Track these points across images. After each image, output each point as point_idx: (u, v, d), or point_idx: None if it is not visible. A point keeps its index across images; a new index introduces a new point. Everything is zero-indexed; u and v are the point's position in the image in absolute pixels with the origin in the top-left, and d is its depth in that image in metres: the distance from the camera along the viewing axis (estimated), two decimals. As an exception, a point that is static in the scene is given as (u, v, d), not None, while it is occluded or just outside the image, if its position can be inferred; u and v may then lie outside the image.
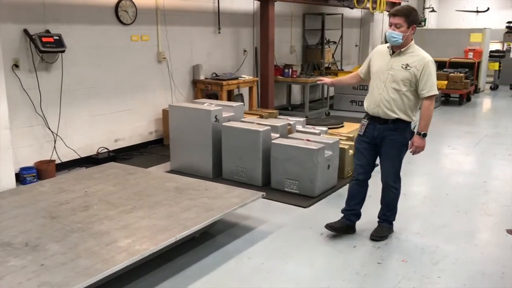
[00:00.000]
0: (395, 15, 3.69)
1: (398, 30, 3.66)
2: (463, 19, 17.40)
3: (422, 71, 3.68)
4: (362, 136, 3.97)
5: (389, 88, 3.76)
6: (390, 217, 4.17)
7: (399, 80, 3.72)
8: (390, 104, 3.76)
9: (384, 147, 3.89)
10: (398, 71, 3.73)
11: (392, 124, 3.80)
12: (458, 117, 9.97)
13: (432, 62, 3.73)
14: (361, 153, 4.01)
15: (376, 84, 3.85)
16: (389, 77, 3.76)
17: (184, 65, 7.61)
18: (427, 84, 3.70)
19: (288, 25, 10.21)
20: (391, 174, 4.00)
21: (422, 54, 3.75)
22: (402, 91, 3.73)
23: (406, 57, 3.74)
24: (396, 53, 3.78)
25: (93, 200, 4.10)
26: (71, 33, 5.88)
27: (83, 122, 6.19)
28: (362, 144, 3.99)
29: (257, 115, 6.67)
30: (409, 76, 3.70)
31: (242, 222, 4.45)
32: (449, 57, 12.65)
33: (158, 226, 3.56)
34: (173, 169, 5.99)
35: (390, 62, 3.79)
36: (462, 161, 6.60)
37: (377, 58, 3.93)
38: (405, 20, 3.66)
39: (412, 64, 3.70)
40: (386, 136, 3.84)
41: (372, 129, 3.89)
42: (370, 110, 3.89)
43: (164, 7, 7.08)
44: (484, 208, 4.85)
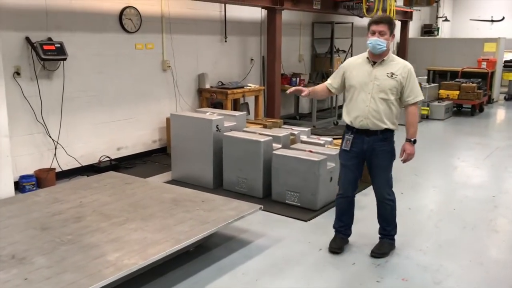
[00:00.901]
0: (379, 22, 3.65)
1: (382, 38, 3.62)
2: (477, 28, 17.15)
3: (407, 78, 3.68)
4: (349, 152, 3.83)
5: (376, 99, 3.69)
6: (391, 231, 4.04)
7: (387, 90, 3.67)
8: (380, 115, 3.69)
9: (375, 159, 3.80)
10: (384, 80, 3.67)
11: (381, 135, 3.75)
12: (469, 128, 9.75)
13: (412, 69, 3.75)
14: (349, 170, 3.90)
15: (360, 97, 3.74)
16: (375, 87, 3.68)
17: (189, 73, 7.55)
18: (413, 90, 3.71)
19: (297, 33, 10.12)
20: (386, 187, 3.90)
21: (403, 62, 3.76)
22: (390, 100, 3.70)
23: (389, 66, 3.71)
24: (378, 63, 3.72)
25: (86, 211, 4.02)
26: (74, 41, 5.86)
27: (85, 130, 6.14)
28: (350, 160, 3.86)
29: (260, 125, 6.57)
30: (396, 84, 3.67)
31: (239, 235, 4.33)
32: (462, 67, 12.44)
33: (149, 239, 3.47)
34: (174, 178, 5.90)
35: (373, 73, 3.71)
36: (471, 174, 6.41)
37: (353, 71, 3.81)
38: (388, 27, 3.64)
39: (396, 72, 3.67)
40: (376, 148, 3.76)
41: (359, 143, 3.79)
42: (356, 124, 3.76)
43: (169, 15, 7.04)
44: (492, 225, 4.67)
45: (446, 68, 12.93)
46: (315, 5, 8.87)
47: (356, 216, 4.19)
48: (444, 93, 11.24)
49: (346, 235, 4.11)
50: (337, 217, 4.09)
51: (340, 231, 4.10)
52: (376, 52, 3.67)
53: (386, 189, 3.89)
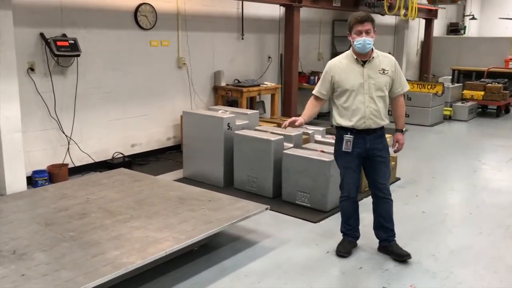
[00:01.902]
0: (364, 21, 3.56)
1: (369, 36, 3.57)
2: (506, 27, 16.61)
3: (395, 71, 3.71)
4: (351, 153, 3.73)
5: (375, 98, 3.65)
6: (394, 231, 3.91)
7: (383, 86, 3.67)
8: (379, 113, 3.68)
9: (378, 156, 3.75)
10: (378, 77, 3.65)
11: (380, 131, 3.76)
12: (493, 129, 9.45)
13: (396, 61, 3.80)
14: (353, 171, 3.81)
15: (357, 99, 3.64)
16: (372, 86, 3.63)
17: (205, 71, 7.52)
18: (401, 81, 3.76)
19: (317, 31, 9.99)
20: (387, 181, 3.85)
21: (388, 55, 3.78)
22: (386, 96, 3.72)
23: (378, 62, 3.67)
24: (367, 62, 3.65)
25: (92, 207, 4.02)
26: (88, 37, 5.88)
27: (98, 127, 6.17)
28: (353, 161, 3.77)
29: (274, 124, 6.48)
30: (389, 80, 3.69)
31: (246, 235, 4.27)
32: (488, 67, 12.07)
33: (151, 238, 3.43)
34: (186, 176, 5.88)
35: (365, 72, 3.64)
36: (491, 178, 6.18)
37: (342, 74, 3.68)
38: (372, 25, 3.60)
39: (386, 67, 3.67)
40: (376, 145, 3.74)
41: (361, 143, 3.71)
42: (358, 126, 3.66)
43: (185, 12, 7.01)
44: (509, 231, 4.48)
45: (471, 68, 12.57)
46: (335, 2, 8.73)
47: (363, 219, 4.08)
48: (468, 93, 10.92)
49: (354, 238, 4.02)
50: (344, 221, 4.00)
51: (348, 234, 4.00)
52: (366, 51, 3.60)
53: (388, 184, 3.85)
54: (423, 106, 9.50)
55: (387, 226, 3.88)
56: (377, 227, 3.95)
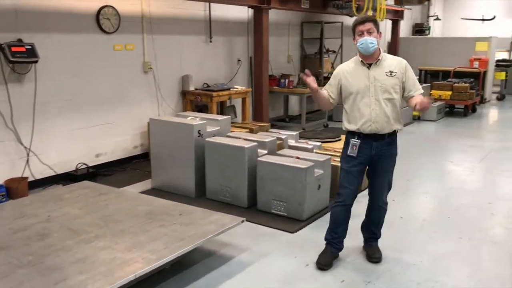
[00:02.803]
0: (365, 21, 3.49)
1: (372, 36, 3.46)
2: (468, 27, 16.96)
3: (406, 73, 3.56)
4: (356, 158, 3.60)
5: (381, 100, 3.51)
6: (378, 234, 3.95)
7: (390, 88, 3.52)
8: (387, 116, 3.52)
9: (380, 164, 3.64)
10: (385, 80, 3.51)
11: (389, 138, 3.61)
12: (462, 129, 9.51)
13: (408, 64, 3.63)
14: (354, 176, 3.66)
15: (363, 102, 3.53)
16: (378, 89, 3.51)
17: (172, 75, 7.24)
18: (415, 84, 3.59)
19: (285, 34, 9.84)
20: (387, 191, 3.80)
21: (397, 58, 3.66)
22: (395, 99, 3.55)
23: (385, 64, 3.55)
24: (373, 64, 3.55)
25: (54, 226, 3.71)
26: (47, 43, 5.53)
27: (60, 137, 5.82)
28: (357, 166, 3.64)
29: (246, 129, 6.27)
30: (398, 82, 3.54)
31: (221, 250, 4.04)
32: (454, 67, 12.22)
33: (119, 259, 3.16)
34: (155, 187, 5.60)
35: (371, 75, 3.53)
36: (465, 179, 6.15)
37: (349, 78, 3.60)
38: (374, 25, 3.49)
39: (394, 69, 3.53)
40: (384, 152, 3.61)
41: (367, 148, 3.58)
42: (364, 129, 3.54)
43: (150, 15, 6.73)
44: (489, 235, 4.40)
45: (438, 68, 12.70)
46: (303, 4, 8.59)
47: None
48: (436, 93, 11.00)
49: (337, 249, 3.85)
50: (331, 228, 3.81)
51: (332, 244, 3.82)
52: (369, 51, 3.48)
53: (386, 193, 3.79)
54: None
55: (372, 229, 3.89)
56: (363, 226, 3.97)
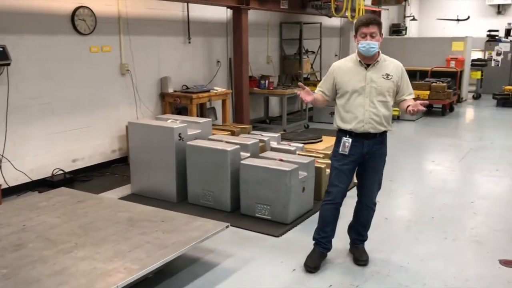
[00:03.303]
0: (369, 24, 3.43)
1: (374, 40, 3.44)
2: (443, 27, 17.22)
3: (402, 77, 3.58)
4: (348, 156, 3.60)
5: (375, 102, 3.52)
6: (365, 236, 3.92)
7: (385, 91, 3.52)
8: (380, 118, 3.53)
9: (371, 163, 3.66)
10: (381, 82, 3.51)
11: (379, 137, 3.62)
12: (441, 129, 9.60)
13: (404, 67, 3.64)
14: (345, 175, 3.65)
15: (357, 102, 3.54)
16: (373, 90, 3.51)
17: (150, 77, 7.09)
18: (408, 88, 3.63)
19: (265, 34, 9.77)
20: (376, 191, 3.79)
21: (394, 61, 3.63)
22: (388, 102, 3.56)
23: (382, 67, 3.54)
24: (371, 65, 3.53)
25: (29, 236, 3.55)
26: (20, 44, 5.34)
27: (35, 142, 5.62)
28: (348, 164, 3.63)
29: (228, 131, 6.17)
30: (393, 85, 3.54)
31: (205, 256, 3.93)
32: (431, 66, 12.35)
33: (99, 270, 3.03)
34: (134, 192, 5.45)
35: (368, 76, 3.52)
36: (447, 178, 6.17)
37: (345, 76, 3.59)
38: (378, 28, 3.46)
39: (391, 72, 3.53)
40: (374, 151, 3.62)
41: (359, 147, 3.59)
42: (357, 129, 3.54)
43: (127, 16, 6.57)
44: (473, 234, 4.41)
45: (415, 68, 12.79)
46: (282, 5, 8.54)
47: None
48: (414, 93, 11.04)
49: (326, 249, 3.82)
50: (320, 228, 3.78)
51: (320, 244, 3.79)
52: (370, 55, 3.48)
53: (376, 192, 3.78)
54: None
55: (359, 230, 3.86)
56: (351, 227, 3.94)
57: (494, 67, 14.27)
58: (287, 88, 9.14)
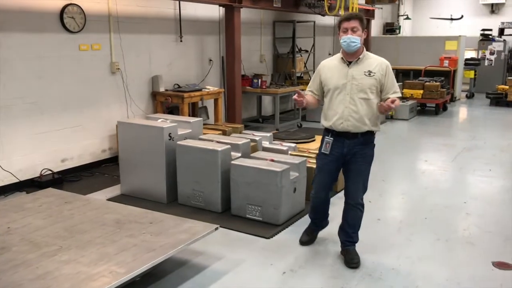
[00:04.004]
0: (350, 19, 3.48)
1: (355, 34, 3.45)
2: (437, 26, 17.19)
3: (386, 75, 3.54)
4: (328, 155, 3.66)
5: (356, 99, 3.52)
6: (355, 238, 3.85)
7: (366, 89, 3.51)
8: (360, 116, 3.52)
9: (354, 164, 3.64)
10: (362, 79, 3.51)
11: (362, 137, 3.59)
12: (434, 128, 9.57)
13: (389, 65, 3.61)
14: (325, 173, 3.77)
15: (338, 99, 3.57)
16: (354, 87, 3.52)
17: (141, 76, 7.01)
18: (393, 86, 3.57)
19: (258, 33, 9.70)
20: (361, 192, 3.75)
21: (380, 59, 3.62)
22: (370, 99, 3.53)
23: (365, 64, 3.54)
24: (353, 62, 3.54)
25: (14, 239, 3.47)
26: (6, 42, 5.24)
27: (23, 142, 5.52)
28: (329, 164, 3.70)
29: (219, 131, 6.10)
30: (375, 83, 3.52)
31: (194, 259, 3.87)
32: (425, 65, 12.32)
33: (83, 274, 2.96)
34: (124, 193, 5.37)
35: (350, 72, 3.54)
36: (439, 179, 6.13)
37: (328, 73, 3.65)
38: (359, 23, 3.47)
39: (374, 69, 3.52)
40: (356, 152, 3.60)
41: (340, 146, 3.61)
42: (337, 127, 3.58)
43: (117, 13, 6.47)
44: (466, 235, 4.36)
45: (409, 67, 12.79)
46: (275, 3, 8.47)
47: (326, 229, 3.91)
48: (408, 92, 11.06)
49: (319, 227, 4.12)
50: (312, 212, 4.07)
51: (314, 222, 4.10)
52: (351, 50, 3.48)
53: (361, 194, 3.74)
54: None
55: (348, 231, 3.81)
56: (340, 228, 3.91)
57: (487, 66, 14.29)
58: (280, 87, 9.08)
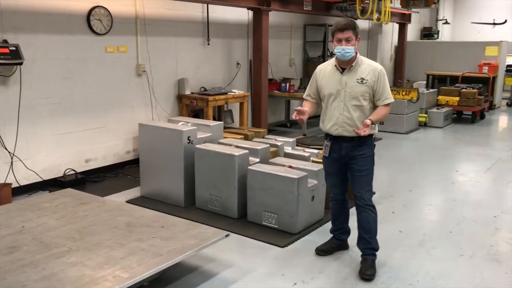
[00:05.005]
0: (344, 29, 3.49)
1: (349, 45, 3.49)
2: (478, 31, 16.60)
3: (378, 81, 3.56)
4: (328, 157, 3.76)
5: (349, 106, 3.58)
6: (374, 244, 3.74)
7: (359, 96, 3.56)
8: (354, 122, 3.57)
9: (354, 165, 3.67)
10: (355, 86, 3.55)
11: (358, 140, 3.62)
12: (469, 136, 9.20)
13: (383, 70, 3.61)
14: (333, 175, 3.85)
15: (334, 105, 3.62)
16: (347, 95, 3.57)
17: (167, 78, 7.03)
18: (383, 93, 3.58)
19: (287, 36, 9.60)
20: (367, 192, 3.72)
21: (373, 65, 3.62)
22: (364, 106, 3.58)
23: (358, 71, 3.57)
24: (347, 70, 3.58)
25: (25, 238, 3.49)
26: (34, 43, 5.35)
27: (48, 142, 5.62)
28: (332, 166, 3.80)
29: (241, 135, 6.03)
30: (368, 90, 3.56)
31: (204, 265, 3.80)
32: (462, 72, 11.90)
33: (87, 277, 2.93)
34: (143, 195, 5.38)
35: (343, 80, 3.58)
36: (470, 190, 5.85)
37: (323, 79, 3.69)
38: (353, 33, 3.50)
39: (366, 77, 3.55)
40: (355, 154, 3.64)
41: (338, 149, 3.68)
42: (332, 132, 3.67)
43: (144, 16, 6.52)
44: (492, 252, 4.12)
45: (445, 73, 12.39)
46: (306, 6, 8.36)
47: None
48: (443, 99, 10.70)
49: (339, 240, 4.04)
50: (332, 220, 4.06)
51: (333, 235, 4.05)
52: (345, 59, 3.54)
53: (367, 194, 3.72)
54: (398, 113, 9.18)
55: (364, 237, 3.71)
56: (358, 238, 3.81)
57: (530, 73, 13.67)
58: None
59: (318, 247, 4.04)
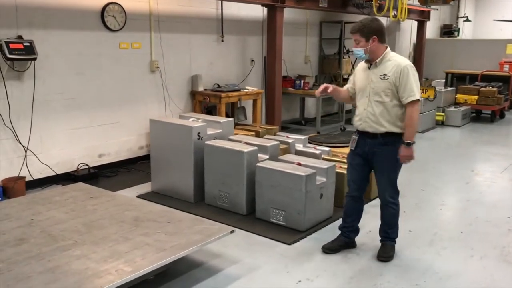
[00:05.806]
0: (352, 32, 3.66)
1: (358, 46, 3.63)
2: (501, 29, 16.22)
3: (400, 77, 3.56)
4: (354, 151, 3.85)
5: (372, 102, 3.67)
6: (392, 234, 3.95)
7: (381, 92, 3.62)
8: (376, 118, 3.64)
9: (376, 162, 3.76)
10: (377, 82, 3.64)
11: (382, 138, 3.67)
12: (487, 136, 9.02)
13: (410, 67, 3.59)
14: (354, 168, 3.89)
15: (361, 101, 3.76)
16: (371, 90, 3.67)
17: (181, 75, 7.06)
18: (406, 90, 3.56)
19: (303, 33, 9.54)
20: (388, 189, 3.82)
21: (398, 61, 3.63)
22: (386, 102, 3.62)
23: (382, 67, 3.64)
24: (372, 65, 3.69)
25: (34, 231, 3.55)
26: (48, 39, 5.42)
27: (61, 136, 5.70)
28: (355, 159, 3.86)
29: (252, 132, 6.03)
30: (389, 86, 3.59)
31: (210, 261, 3.81)
32: (482, 70, 11.67)
33: (91, 270, 2.96)
34: (154, 190, 5.42)
35: (370, 75, 3.70)
36: (485, 190, 5.74)
37: (358, 74, 3.87)
38: (360, 35, 3.60)
39: (389, 73, 3.60)
40: (377, 151, 3.71)
41: (362, 144, 3.77)
42: (357, 126, 3.79)
43: (158, 13, 6.55)
44: (504, 253, 4.03)
45: (465, 71, 12.18)
46: (321, 3, 8.29)
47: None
48: (461, 97, 10.52)
49: (348, 238, 4.04)
50: (343, 217, 4.07)
51: (342, 232, 4.05)
52: (361, 59, 3.76)
53: (389, 191, 3.81)
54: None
55: (383, 227, 3.93)
56: (380, 226, 3.98)
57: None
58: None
59: (325, 245, 4.02)
